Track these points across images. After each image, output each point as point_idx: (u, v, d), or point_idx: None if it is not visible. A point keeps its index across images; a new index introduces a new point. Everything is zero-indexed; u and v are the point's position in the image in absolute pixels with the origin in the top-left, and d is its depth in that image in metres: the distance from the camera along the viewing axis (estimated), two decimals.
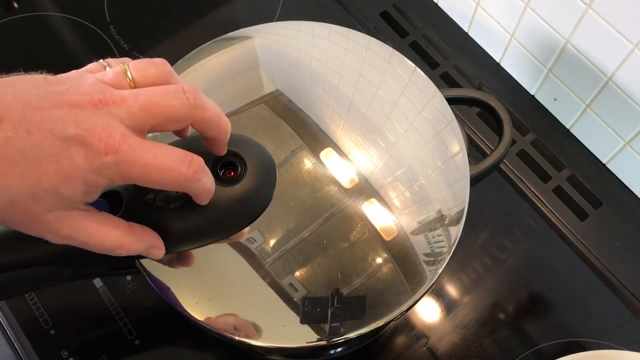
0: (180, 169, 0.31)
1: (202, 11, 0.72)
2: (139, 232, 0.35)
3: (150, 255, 0.36)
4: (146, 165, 0.30)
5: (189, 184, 0.32)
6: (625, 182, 0.63)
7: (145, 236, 0.35)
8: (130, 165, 0.30)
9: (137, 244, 0.34)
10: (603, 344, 0.55)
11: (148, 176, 0.31)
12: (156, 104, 0.32)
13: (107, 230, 0.33)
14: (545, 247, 0.60)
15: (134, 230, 0.34)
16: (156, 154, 0.31)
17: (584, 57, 0.58)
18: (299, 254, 0.40)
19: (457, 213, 0.43)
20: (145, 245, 0.35)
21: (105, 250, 0.33)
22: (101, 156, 0.29)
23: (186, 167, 0.32)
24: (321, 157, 0.43)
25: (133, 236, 0.34)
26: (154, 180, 0.31)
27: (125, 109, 0.31)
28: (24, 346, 0.53)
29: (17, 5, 0.72)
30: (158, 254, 0.36)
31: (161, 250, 0.36)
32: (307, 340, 0.39)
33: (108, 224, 0.33)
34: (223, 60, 0.49)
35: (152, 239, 0.35)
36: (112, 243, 0.33)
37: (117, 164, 0.29)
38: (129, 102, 0.31)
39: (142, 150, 0.30)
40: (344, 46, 0.49)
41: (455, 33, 0.71)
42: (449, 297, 0.57)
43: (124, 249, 0.34)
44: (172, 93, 0.33)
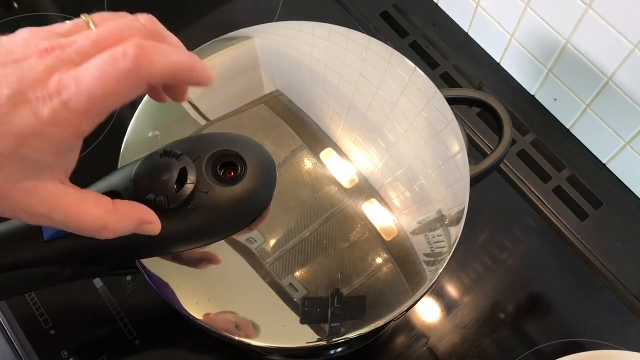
0: (118, 66, 0.27)
1: (202, 11, 0.72)
2: (125, 209, 0.32)
3: (144, 232, 0.33)
4: (86, 88, 0.27)
5: (143, 73, 0.28)
6: (625, 182, 0.63)
7: (133, 212, 0.32)
8: (77, 97, 0.27)
9: (123, 223, 0.31)
10: (603, 344, 0.55)
11: (97, 97, 0.27)
12: (109, 36, 0.28)
13: (86, 208, 0.30)
14: (545, 247, 0.60)
15: (118, 208, 0.31)
16: (89, 69, 0.27)
17: (584, 57, 0.58)
18: (299, 254, 0.40)
19: (457, 213, 0.43)
20: (134, 223, 0.32)
21: (87, 231, 0.30)
22: (47, 103, 0.26)
23: (123, 60, 0.27)
24: (321, 157, 0.43)
25: (117, 214, 0.31)
26: (106, 96, 0.27)
27: (74, 49, 0.28)
28: (24, 346, 0.53)
29: (17, 5, 0.72)
30: (152, 229, 0.33)
31: (156, 225, 0.33)
32: (307, 340, 0.39)
33: (88, 200, 0.30)
34: (223, 60, 0.49)
35: (142, 214, 0.33)
36: (93, 223, 0.30)
37: (65, 104, 0.26)
38: (79, 42, 0.28)
39: (81, 76, 0.27)
40: (344, 46, 0.49)
41: (455, 33, 0.71)
42: (449, 297, 0.57)
43: (109, 230, 0.30)
44: (125, 23, 0.29)
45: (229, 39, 0.50)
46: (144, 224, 0.33)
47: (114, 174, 0.38)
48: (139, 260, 0.40)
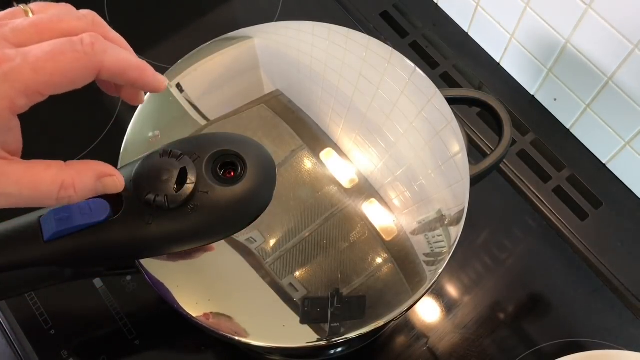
0: (74, 47, 0.27)
1: (202, 11, 0.72)
2: (80, 165, 0.30)
3: (107, 187, 0.31)
4: (35, 61, 0.26)
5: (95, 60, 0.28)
6: (625, 182, 0.63)
7: (89, 167, 0.31)
8: (19, 71, 0.26)
9: (81, 178, 0.30)
10: (603, 344, 0.55)
11: (45, 72, 0.26)
12: (49, 20, 0.28)
13: (39, 172, 0.28)
14: (545, 247, 0.60)
15: (72, 165, 0.30)
16: (41, 47, 0.27)
17: (584, 57, 0.58)
18: (299, 254, 0.40)
19: (457, 213, 0.43)
20: (93, 177, 0.31)
21: (47, 198, 0.29)
22: None
23: (80, 44, 0.27)
24: (321, 157, 0.43)
25: (73, 170, 0.30)
26: (54, 74, 0.27)
27: (11, 27, 0.27)
28: (24, 346, 0.53)
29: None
30: (114, 183, 0.32)
31: (117, 178, 0.32)
32: (307, 340, 0.39)
33: (37, 166, 0.29)
34: (223, 60, 0.49)
35: (99, 167, 0.31)
36: (50, 185, 0.29)
37: (4, 76, 0.26)
38: (17, 22, 0.28)
39: (25, 52, 0.26)
40: (344, 46, 0.49)
41: (455, 33, 0.71)
42: (449, 297, 0.57)
43: (69, 188, 0.29)
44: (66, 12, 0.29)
45: (229, 39, 0.50)
46: (105, 177, 0.31)
47: None
48: (139, 260, 0.40)
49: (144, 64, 0.31)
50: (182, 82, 0.47)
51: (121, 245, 0.37)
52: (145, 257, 0.40)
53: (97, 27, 0.30)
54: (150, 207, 0.36)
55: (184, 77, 0.47)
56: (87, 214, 0.36)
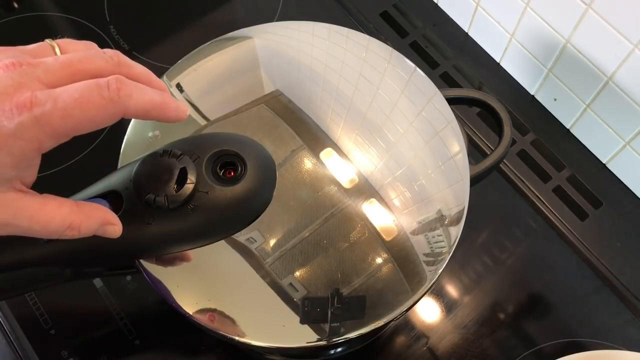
0: (101, 94, 0.28)
1: (202, 11, 0.72)
2: (89, 209, 0.32)
3: (106, 233, 0.33)
4: (64, 108, 0.27)
5: (120, 106, 0.29)
6: (625, 182, 0.63)
7: (96, 212, 0.33)
8: (49, 116, 0.27)
9: (88, 222, 0.32)
10: (603, 344, 0.55)
11: (73, 118, 0.28)
12: (78, 61, 0.29)
13: (51, 210, 0.30)
14: (545, 247, 0.60)
15: (82, 208, 0.32)
16: (69, 91, 0.28)
17: (584, 57, 0.58)
18: (299, 254, 0.40)
19: (457, 213, 0.43)
20: (98, 223, 0.32)
21: (53, 233, 0.31)
22: (15, 117, 0.27)
23: (106, 90, 0.28)
24: (321, 157, 0.43)
25: (82, 214, 0.31)
26: (82, 120, 0.28)
27: (43, 69, 0.28)
28: (24, 346, 0.53)
29: (17, 5, 0.72)
30: (114, 231, 0.33)
31: (117, 227, 0.34)
32: (307, 340, 0.39)
33: (51, 203, 0.30)
34: (223, 60, 0.49)
35: (105, 215, 0.33)
36: (59, 224, 0.30)
37: (36, 120, 0.27)
38: (48, 62, 0.29)
39: (55, 97, 0.27)
40: (344, 46, 0.49)
41: (455, 33, 0.71)
42: (449, 297, 0.57)
43: (74, 229, 0.31)
44: (94, 53, 0.30)
45: (229, 39, 0.50)
46: (107, 225, 0.33)
47: (114, 174, 0.38)
48: (139, 260, 0.40)
49: (166, 101, 0.32)
50: (182, 82, 0.47)
51: (121, 245, 0.37)
52: (145, 257, 0.40)
53: (123, 67, 0.31)
54: (151, 207, 0.36)
55: (184, 77, 0.47)
56: None
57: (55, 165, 0.60)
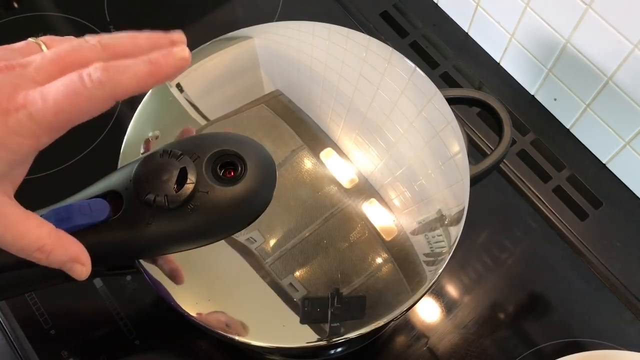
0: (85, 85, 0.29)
1: (202, 11, 0.72)
2: (66, 240, 0.32)
3: (72, 272, 0.33)
4: (54, 103, 0.28)
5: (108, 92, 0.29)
6: (625, 182, 0.63)
7: (72, 246, 0.32)
8: (43, 112, 0.28)
9: (59, 251, 0.31)
10: (603, 344, 0.55)
11: (64, 112, 0.28)
12: (66, 54, 0.30)
13: (30, 227, 0.30)
14: (545, 247, 0.60)
15: (60, 236, 0.32)
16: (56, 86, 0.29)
17: (584, 57, 0.58)
18: (299, 254, 0.40)
19: (457, 213, 0.43)
20: (69, 256, 0.32)
21: (22, 249, 0.30)
22: (12, 114, 0.28)
23: (89, 80, 0.29)
24: (321, 157, 0.43)
25: (57, 240, 0.31)
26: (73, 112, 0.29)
27: (34, 68, 0.29)
28: (24, 346, 0.53)
29: (17, 5, 0.72)
30: (81, 271, 0.33)
31: (85, 269, 0.33)
32: (307, 340, 0.39)
33: (33, 220, 0.30)
34: (223, 60, 0.49)
35: (79, 252, 0.33)
36: (31, 242, 0.30)
37: (30, 116, 0.28)
38: (37, 61, 0.30)
39: (44, 93, 0.28)
40: (344, 46, 0.49)
41: (455, 33, 0.71)
42: (449, 297, 0.57)
43: (44, 253, 0.31)
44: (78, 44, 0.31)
45: (229, 39, 0.50)
46: (76, 263, 0.33)
47: (114, 174, 0.38)
48: (139, 260, 0.40)
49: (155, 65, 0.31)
50: (182, 82, 0.47)
51: (121, 245, 0.37)
52: (145, 257, 0.40)
53: (107, 49, 0.31)
54: (150, 207, 0.36)
55: (184, 77, 0.47)
56: (87, 214, 0.36)
57: (56, 165, 0.60)
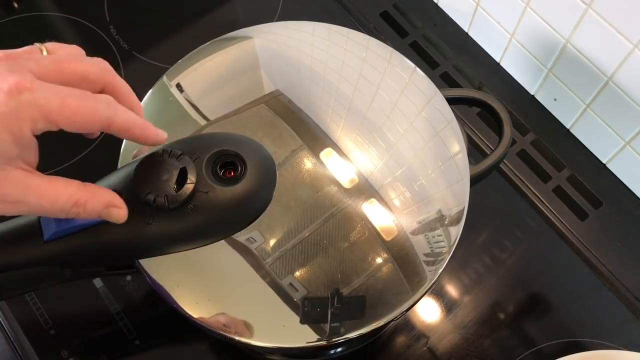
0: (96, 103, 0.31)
1: (202, 11, 0.72)
2: (95, 189, 0.33)
3: (111, 217, 0.34)
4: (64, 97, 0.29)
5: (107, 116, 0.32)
6: (625, 182, 0.63)
7: (102, 193, 0.34)
8: (49, 100, 0.29)
9: (93, 201, 0.33)
10: (603, 344, 0.55)
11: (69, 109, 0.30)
12: (67, 60, 0.31)
13: (58, 188, 0.31)
14: (545, 247, 0.60)
15: (89, 188, 0.33)
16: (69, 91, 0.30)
17: (584, 57, 0.58)
18: (299, 254, 0.40)
19: (457, 213, 0.43)
20: (103, 203, 0.33)
21: (60, 210, 0.32)
22: (15, 96, 0.28)
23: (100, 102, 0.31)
24: (321, 157, 0.43)
25: (88, 192, 0.33)
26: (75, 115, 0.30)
27: (34, 61, 0.30)
28: (24, 346, 0.53)
29: (17, 5, 0.72)
30: (119, 214, 0.34)
31: (122, 210, 0.34)
32: (307, 340, 0.39)
33: (59, 181, 0.32)
34: (223, 60, 0.49)
35: (111, 197, 0.34)
36: (66, 201, 0.31)
37: (35, 100, 0.29)
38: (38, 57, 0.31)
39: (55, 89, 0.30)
40: (344, 46, 0.49)
41: (455, 33, 0.71)
42: (449, 297, 0.57)
43: (80, 206, 0.32)
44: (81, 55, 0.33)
45: (229, 39, 0.50)
46: (112, 207, 0.34)
47: (114, 174, 0.38)
48: (139, 260, 0.40)
49: (146, 124, 0.34)
50: (182, 82, 0.47)
51: (121, 245, 0.37)
52: (145, 257, 0.40)
53: (107, 74, 0.34)
54: (151, 207, 0.36)
55: (184, 77, 0.47)
56: None
57: (55, 165, 0.60)
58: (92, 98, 0.31)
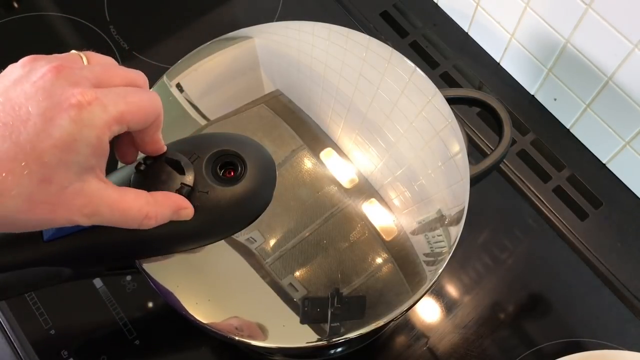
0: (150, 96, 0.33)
1: (202, 11, 0.72)
2: (162, 198, 0.35)
3: (180, 217, 0.36)
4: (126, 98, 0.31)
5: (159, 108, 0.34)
6: (625, 182, 0.63)
7: (169, 200, 0.35)
8: (116, 103, 0.30)
9: (163, 210, 0.34)
10: (603, 344, 0.55)
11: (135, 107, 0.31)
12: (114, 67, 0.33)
13: (129, 201, 0.32)
14: (545, 247, 0.60)
15: (156, 198, 0.34)
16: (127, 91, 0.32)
17: (584, 57, 0.58)
18: (299, 254, 0.40)
19: (457, 213, 0.43)
20: (172, 209, 0.35)
21: (132, 222, 0.33)
22: (86, 108, 0.29)
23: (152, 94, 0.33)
24: (321, 157, 0.43)
25: (157, 204, 0.34)
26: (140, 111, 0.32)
27: (87, 69, 0.31)
28: (24, 346, 0.53)
29: (17, 5, 0.72)
30: (187, 214, 0.36)
31: (190, 210, 0.36)
32: (307, 340, 0.39)
33: (129, 194, 0.33)
34: (223, 60, 0.49)
35: (177, 201, 0.35)
36: (136, 214, 0.33)
37: (105, 107, 0.30)
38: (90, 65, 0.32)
39: (115, 91, 0.31)
40: (344, 46, 0.49)
41: (455, 33, 0.71)
42: (449, 297, 0.57)
43: (151, 218, 0.33)
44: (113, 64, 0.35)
45: (229, 39, 0.50)
46: (180, 210, 0.35)
47: (113, 174, 0.38)
48: (139, 260, 0.40)
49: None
50: (182, 82, 0.47)
51: (121, 245, 0.37)
52: (145, 257, 0.40)
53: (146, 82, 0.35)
54: None
55: (184, 77, 0.47)
56: None
57: None
58: (145, 92, 0.33)
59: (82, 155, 0.29)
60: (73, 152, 0.29)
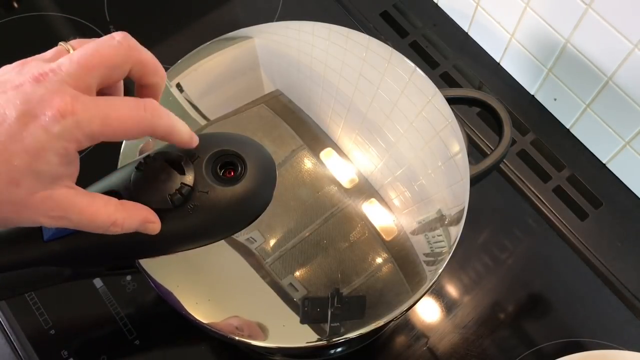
0: (139, 113, 0.32)
1: (202, 11, 0.72)
2: (132, 208, 0.35)
3: (146, 230, 0.36)
4: (105, 117, 0.31)
5: (151, 125, 0.33)
6: (625, 182, 0.63)
7: (138, 211, 0.35)
8: (90, 121, 0.30)
9: (130, 220, 0.34)
10: (603, 344, 0.55)
11: (111, 127, 0.31)
12: (91, 56, 0.32)
13: (98, 207, 0.33)
14: (545, 247, 0.60)
15: (126, 207, 0.34)
16: (110, 104, 0.31)
17: (584, 57, 0.58)
18: (299, 254, 0.40)
19: (457, 213, 0.43)
20: (139, 221, 0.35)
21: (99, 227, 0.33)
22: (59, 121, 0.29)
23: (143, 110, 0.32)
24: (321, 157, 0.43)
25: (126, 212, 0.34)
26: (117, 129, 0.31)
27: (65, 73, 0.31)
28: (24, 346, 0.53)
29: (17, 5, 0.72)
30: (154, 228, 0.36)
31: (156, 225, 0.36)
32: (307, 340, 0.39)
33: (99, 200, 0.33)
34: (223, 60, 0.49)
35: (146, 214, 0.35)
36: (105, 220, 0.33)
37: (78, 123, 0.30)
38: (66, 65, 0.31)
39: (96, 105, 0.31)
40: (344, 46, 0.49)
41: (455, 33, 0.71)
42: (449, 297, 0.57)
43: (118, 226, 0.34)
44: (103, 42, 0.33)
45: (229, 39, 0.50)
46: (147, 223, 0.35)
47: (114, 174, 0.38)
48: (139, 260, 0.40)
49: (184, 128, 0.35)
50: (182, 82, 0.47)
51: (121, 245, 0.37)
52: (145, 257, 0.40)
53: (133, 51, 0.34)
54: (150, 207, 0.36)
55: (184, 77, 0.47)
56: None
57: None
58: (134, 108, 0.32)
59: (51, 165, 0.30)
60: (42, 160, 0.30)
